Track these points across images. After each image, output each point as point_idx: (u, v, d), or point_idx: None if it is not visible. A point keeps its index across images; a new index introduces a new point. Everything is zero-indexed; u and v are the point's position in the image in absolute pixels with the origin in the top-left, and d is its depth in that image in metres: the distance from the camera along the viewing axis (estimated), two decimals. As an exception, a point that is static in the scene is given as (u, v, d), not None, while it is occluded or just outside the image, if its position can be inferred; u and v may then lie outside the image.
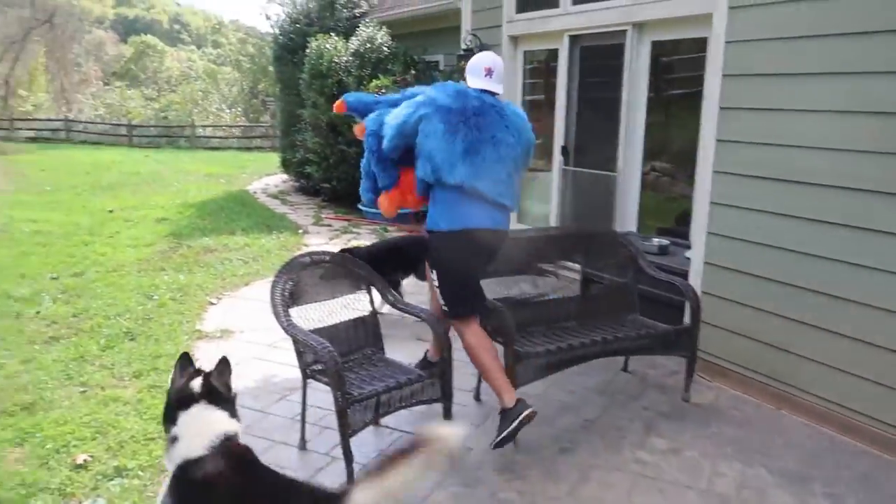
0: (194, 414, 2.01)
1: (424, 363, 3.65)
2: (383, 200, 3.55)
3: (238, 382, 3.97)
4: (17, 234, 8.18)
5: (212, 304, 5.66)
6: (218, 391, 2.09)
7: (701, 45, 4.71)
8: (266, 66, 27.20)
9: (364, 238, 8.47)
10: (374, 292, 3.49)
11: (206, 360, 4.40)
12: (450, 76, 9.65)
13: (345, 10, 12.36)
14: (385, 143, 3.35)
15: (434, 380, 3.11)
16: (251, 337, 4.85)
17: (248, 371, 4.25)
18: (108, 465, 3.08)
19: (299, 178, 12.39)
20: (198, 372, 2.14)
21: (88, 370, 4.16)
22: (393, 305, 3.41)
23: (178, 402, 2.05)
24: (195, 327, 5.02)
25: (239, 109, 29.89)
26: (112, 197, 11.49)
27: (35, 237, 8.08)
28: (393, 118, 3.33)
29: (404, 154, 3.37)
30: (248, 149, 23.50)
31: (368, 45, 10.36)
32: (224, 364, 2.16)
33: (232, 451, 1.99)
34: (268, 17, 38.60)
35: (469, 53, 7.16)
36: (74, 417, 3.52)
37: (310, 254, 3.37)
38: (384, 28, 10.73)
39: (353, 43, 10.54)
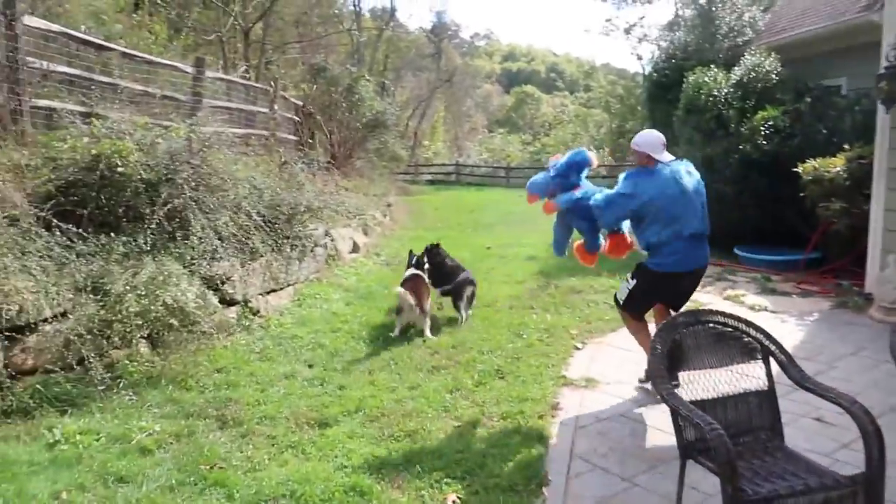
0: (410, 270, 6.28)
1: None
2: (584, 255, 4.88)
3: (601, 442, 3.78)
4: (414, 266, 9.32)
5: (577, 348, 5.54)
6: (420, 263, 6.35)
7: None
8: (635, 106, 27.23)
9: (740, 286, 7.57)
10: (773, 363, 2.90)
11: (570, 408, 4.30)
12: (857, 102, 8.18)
13: (726, 40, 11.52)
14: (609, 221, 4.47)
15: (857, 487, 2.40)
16: (617, 390, 4.57)
17: (614, 429, 3.97)
18: (475, 512, 3.07)
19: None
20: (414, 255, 6.48)
21: (462, 405, 4.33)
22: (798, 384, 2.77)
23: (409, 266, 6.40)
24: (560, 372, 4.94)
25: (605, 150, 30.42)
26: (489, 234, 12.45)
27: (427, 270, 9.08)
28: (612, 205, 4.27)
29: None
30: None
31: (753, 74, 9.40)
32: (422, 253, 6.52)
33: (416, 277, 6.15)
34: (639, 58, 38.87)
35: (892, 70, 5.91)
36: (448, 452, 3.65)
37: (696, 312, 2.96)
38: (773, 54, 9.64)
39: (736, 73, 9.69)
